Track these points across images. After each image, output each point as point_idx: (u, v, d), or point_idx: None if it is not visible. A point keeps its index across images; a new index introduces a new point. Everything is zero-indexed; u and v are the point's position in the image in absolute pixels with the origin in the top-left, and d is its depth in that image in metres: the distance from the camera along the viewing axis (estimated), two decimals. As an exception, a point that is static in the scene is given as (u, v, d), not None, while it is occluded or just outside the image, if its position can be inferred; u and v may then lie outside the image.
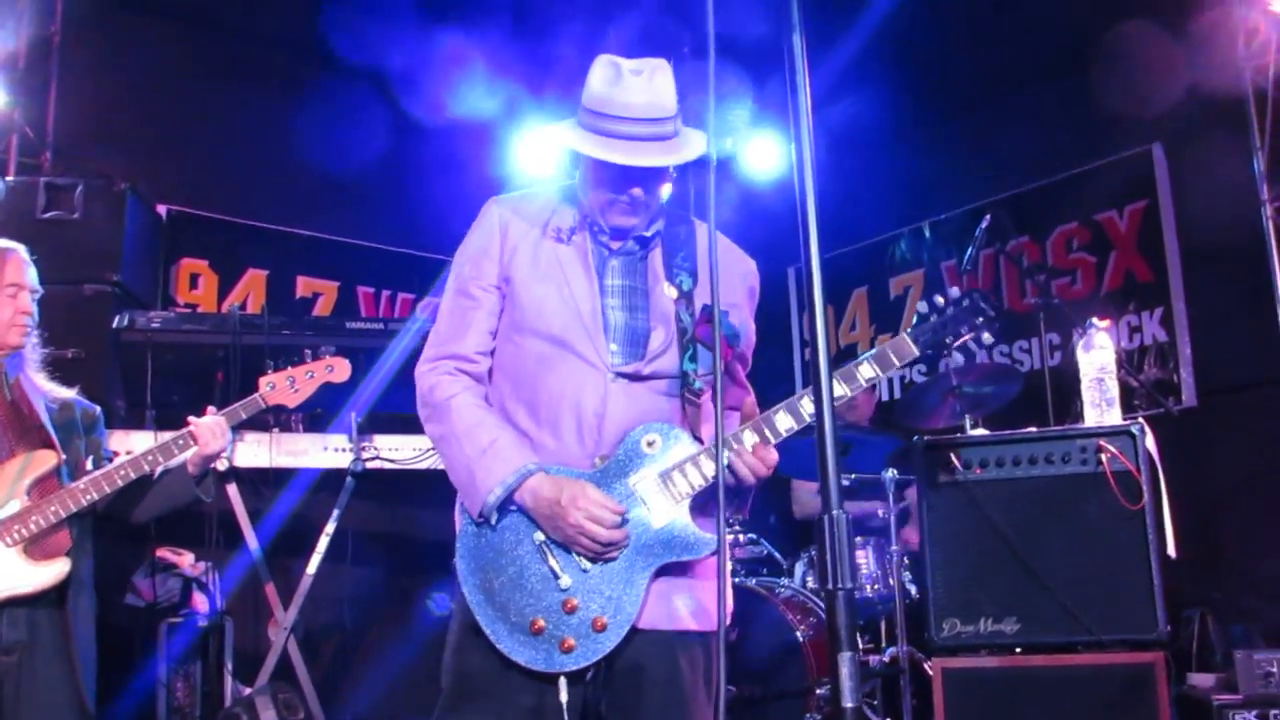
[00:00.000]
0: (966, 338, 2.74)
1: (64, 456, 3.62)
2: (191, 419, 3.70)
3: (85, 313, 5.39)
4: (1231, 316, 6.25)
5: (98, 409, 3.89)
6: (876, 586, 5.49)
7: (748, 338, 2.88)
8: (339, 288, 7.64)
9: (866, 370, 2.65)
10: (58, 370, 3.92)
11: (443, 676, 2.66)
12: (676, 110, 2.67)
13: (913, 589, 5.34)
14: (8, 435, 3.58)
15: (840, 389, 2.64)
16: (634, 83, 2.64)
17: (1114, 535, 4.03)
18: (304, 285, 7.58)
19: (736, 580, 5.22)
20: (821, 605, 4.89)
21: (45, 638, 3.48)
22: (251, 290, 7.37)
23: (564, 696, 2.50)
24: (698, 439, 2.66)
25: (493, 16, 7.46)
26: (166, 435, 3.74)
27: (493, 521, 2.59)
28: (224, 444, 3.75)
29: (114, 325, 5.33)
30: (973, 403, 5.13)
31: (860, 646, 5.51)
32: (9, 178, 5.79)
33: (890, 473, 5.32)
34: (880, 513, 5.56)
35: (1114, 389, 4.31)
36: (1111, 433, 4.13)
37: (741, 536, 5.59)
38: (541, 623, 2.52)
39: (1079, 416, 4.39)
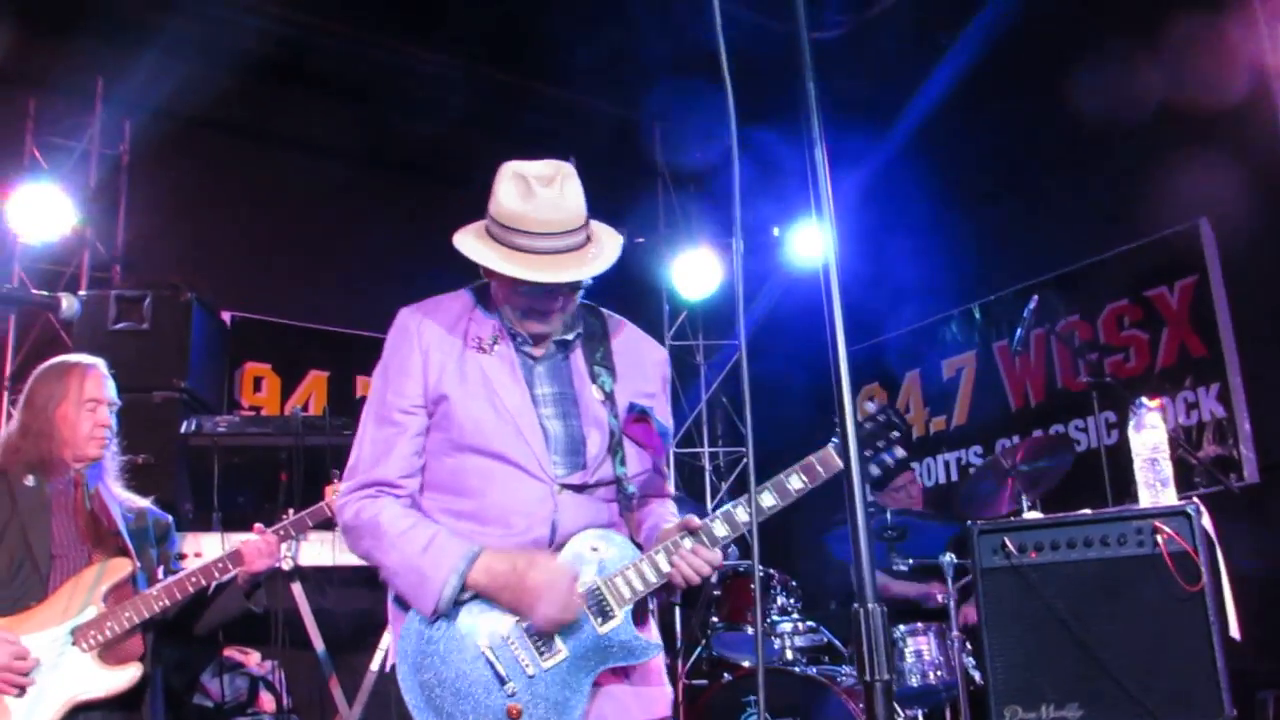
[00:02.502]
0: (881, 452, 2.79)
1: (138, 564, 3.76)
2: (241, 542, 3.84)
3: (155, 419, 5.53)
4: (1290, 389, 6.22)
5: (169, 519, 4.04)
6: (939, 672, 5.44)
7: (669, 430, 2.89)
8: (396, 387, 7.79)
9: (795, 481, 2.68)
10: (129, 476, 4.07)
11: None
12: (586, 216, 2.67)
13: (976, 675, 5.30)
14: (86, 543, 3.72)
15: (770, 499, 2.66)
16: (545, 196, 2.61)
17: (1174, 617, 3.99)
18: (363, 385, 7.74)
19: (797, 669, 5.21)
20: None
21: (120, 739, 3.59)
22: (313, 391, 7.55)
23: None
24: (636, 544, 2.71)
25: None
26: (236, 538, 3.87)
27: (442, 626, 2.57)
28: (271, 563, 3.88)
29: (182, 430, 5.47)
30: (1030, 480, 5.13)
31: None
32: (82, 292, 6.03)
33: (948, 556, 5.31)
34: (940, 597, 5.54)
35: (1168, 469, 4.30)
36: (1167, 513, 4.10)
37: (801, 624, 5.58)
38: None
39: (1136, 497, 4.38)
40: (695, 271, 8.35)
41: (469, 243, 2.69)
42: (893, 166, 7.62)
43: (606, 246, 2.70)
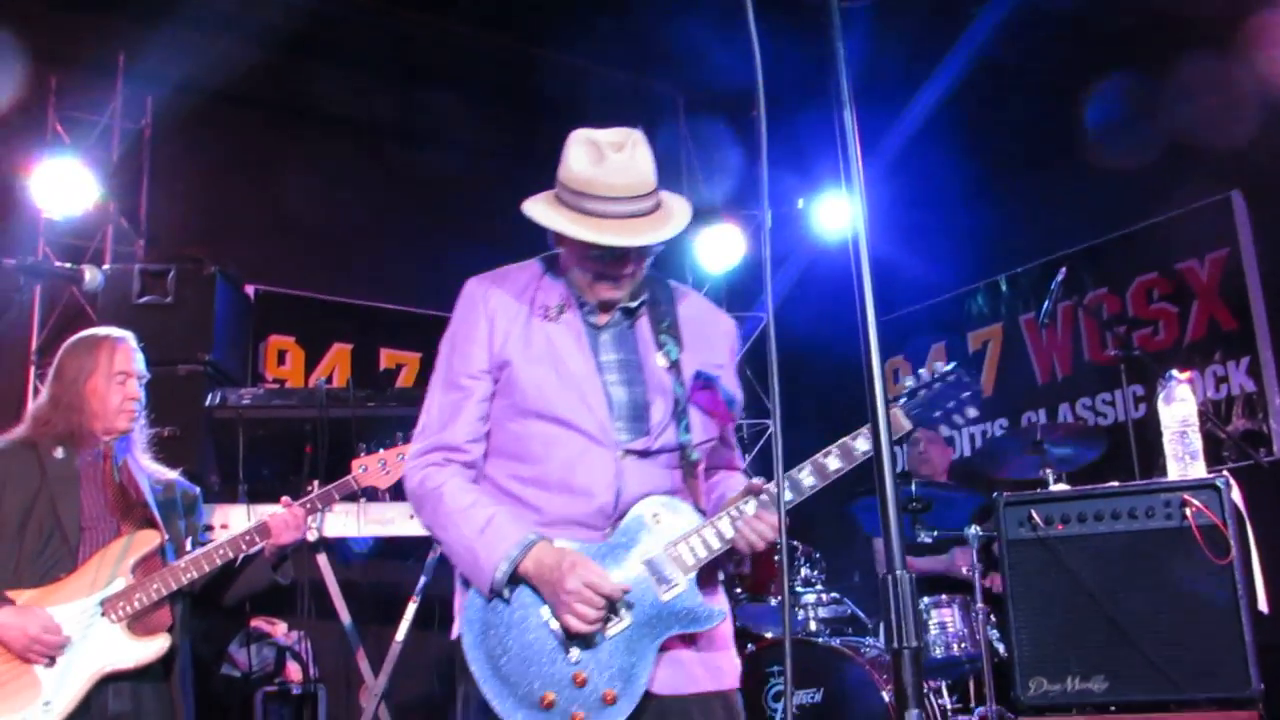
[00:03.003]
0: (952, 412, 2.82)
1: (166, 536, 3.79)
2: (270, 513, 3.87)
3: (180, 392, 5.57)
4: (1321, 363, 6.17)
5: (197, 490, 4.07)
6: (963, 644, 5.45)
7: (739, 400, 2.89)
8: (420, 359, 7.82)
9: (862, 444, 2.69)
10: (155, 448, 4.10)
11: None
12: (656, 183, 2.70)
13: (1000, 647, 5.30)
14: (114, 515, 3.76)
15: (836, 463, 2.69)
16: (617, 161, 2.64)
17: (1202, 591, 3.98)
18: (387, 357, 7.77)
19: (820, 640, 5.22)
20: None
21: (150, 708, 3.63)
22: (337, 364, 7.58)
23: None
24: (699, 510, 2.71)
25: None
26: (261, 509, 3.89)
27: (506, 596, 2.60)
28: (298, 536, 3.91)
29: (207, 403, 5.51)
30: (1054, 461, 5.11)
31: (950, 706, 5.47)
32: (106, 266, 6.07)
33: (973, 529, 5.30)
34: (964, 570, 5.54)
35: (1197, 442, 4.28)
36: (1196, 486, 4.09)
37: (825, 595, 5.59)
38: (552, 696, 2.52)
39: (1164, 470, 4.36)
40: (718, 244, 8.32)
41: (539, 209, 2.70)
42: (919, 137, 7.56)
43: (676, 213, 2.72)
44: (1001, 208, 7.85)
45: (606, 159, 2.64)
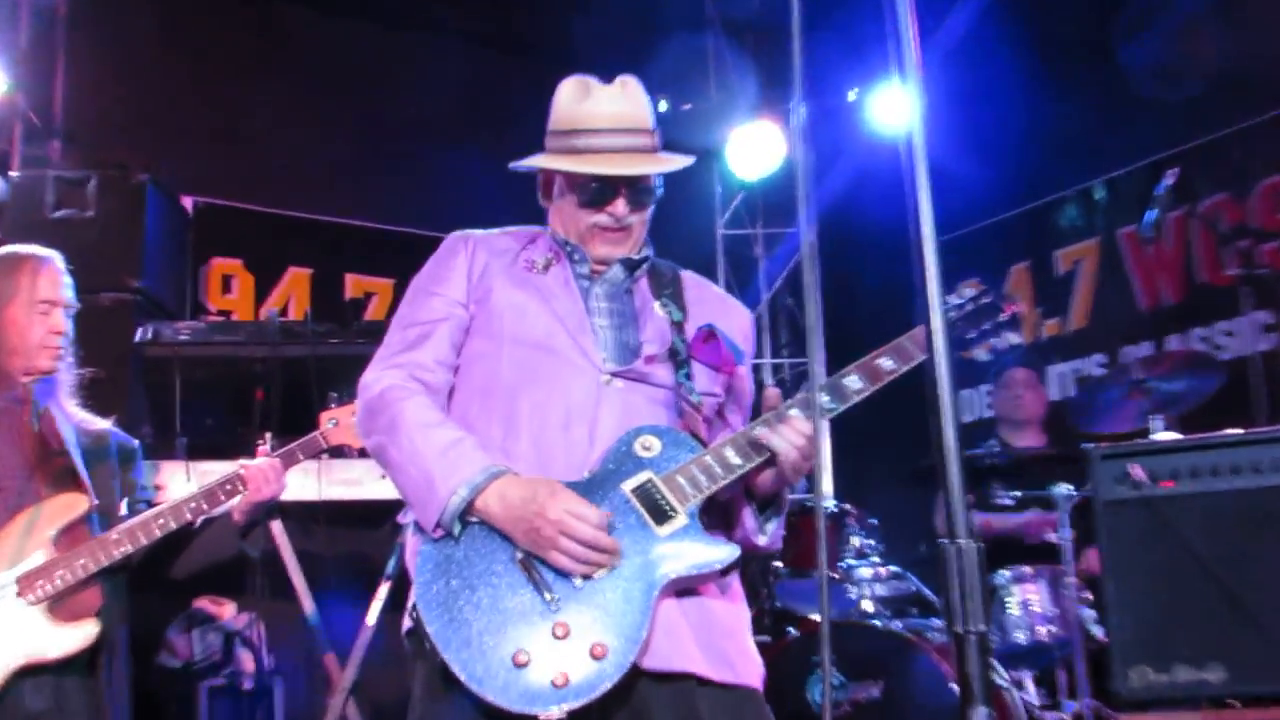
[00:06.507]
0: (988, 335, 2.87)
1: (95, 501, 3.77)
2: (243, 461, 3.84)
3: (103, 326, 5.55)
4: None
5: (136, 443, 4.06)
6: (1052, 628, 5.43)
7: (749, 387, 3.00)
8: (394, 285, 7.80)
9: (887, 362, 2.75)
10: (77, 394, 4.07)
11: None
12: (654, 127, 2.87)
13: (1096, 631, 5.29)
14: (34, 476, 3.73)
15: (858, 383, 2.73)
16: (606, 93, 2.88)
17: (1341, 560, 3.96)
18: (354, 284, 7.76)
19: (878, 623, 5.22)
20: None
21: (74, 707, 3.62)
22: (293, 292, 7.59)
23: None
24: (700, 442, 2.73)
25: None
26: (203, 467, 3.88)
27: (455, 533, 2.57)
28: (278, 490, 3.90)
29: (137, 339, 5.50)
30: (1161, 401, 5.07)
31: (1037, 701, 5.47)
32: (13, 173, 6.03)
33: (1064, 488, 5.28)
34: (1051, 534, 5.52)
35: (1337, 379, 4.24)
36: (1336, 433, 4.06)
37: (883, 569, 5.58)
38: (526, 655, 2.45)
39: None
40: (753, 145, 8.25)
41: (526, 161, 2.91)
42: (990, 14, 7.46)
43: (677, 159, 2.89)
44: (1094, 97, 7.74)
45: (594, 93, 2.88)
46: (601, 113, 2.84)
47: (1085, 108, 7.76)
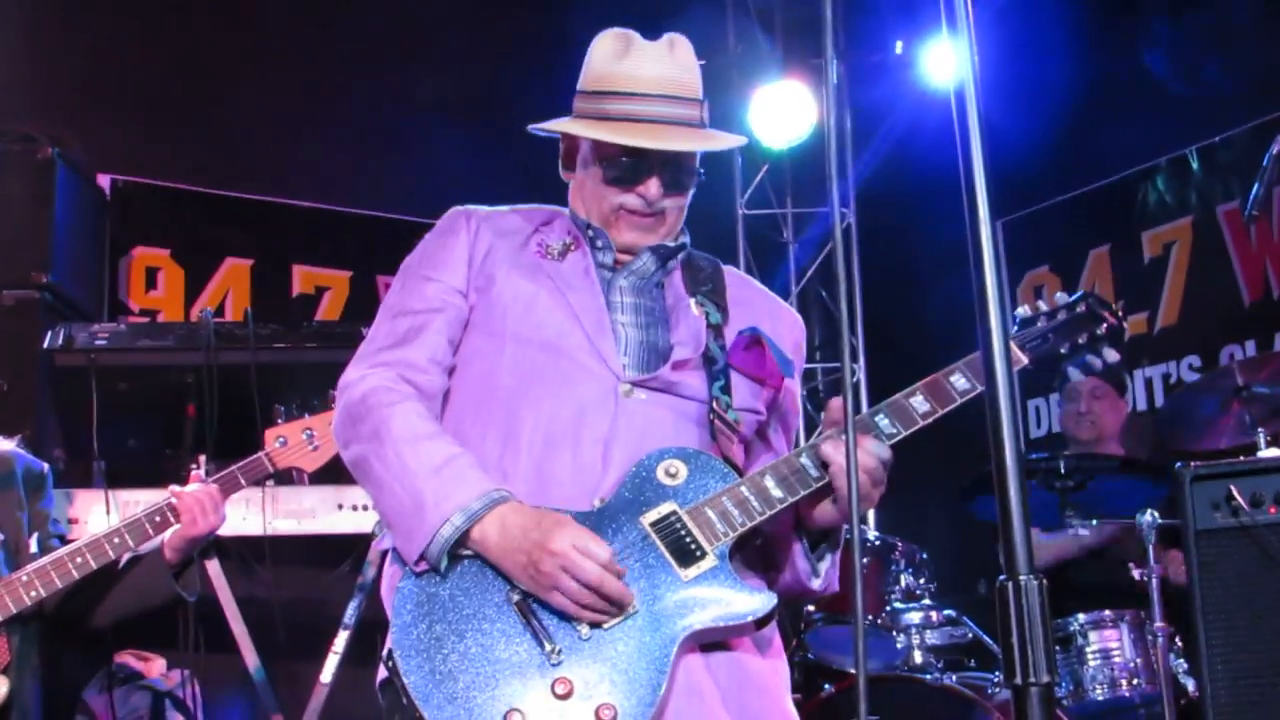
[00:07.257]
0: (1083, 349, 2.89)
1: (1, 535, 3.80)
2: (174, 488, 3.86)
3: (6, 329, 5.59)
4: None
5: (45, 467, 4.09)
6: (1136, 680, 5.45)
7: (796, 405, 3.01)
8: (351, 279, 7.82)
9: (960, 381, 2.75)
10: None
11: None
12: (704, 98, 2.86)
13: (1189, 683, 5.31)
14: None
15: (924, 405, 2.73)
16: (650, 52, 2.85)
17: None
18: (303, 278, 7.78)
19: (929, 677, 5.24)
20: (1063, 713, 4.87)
21: (-23, 777, 3.67)
22: (231, 287, 7.59)
23: None
24: (735, 469, 2.72)
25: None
26: (126, 496, 3.90)
27: (441, 569, 2.56)
28: (216, 522, 3.92)
29: (45, 345, 5.50)
30: (1267, 411, 5.09)
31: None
32: (-104, 148, 6.06)
33: (1149, 515, 5.29)
34: (1137, 574, 5.54)
35: None
36: None
37: (935, 614, 5.60)
38: (521, 716, 2.43)
39: None
40: (779, 108, 8.28)
41: (547, 124, 2.92)
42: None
43: (727, 136, 2.97)
44: (1189, 52, 7.75)
45: (635, 50, 2.85)
46: (643, 75, 2.83)
47: (1172, 62, 7.78)
